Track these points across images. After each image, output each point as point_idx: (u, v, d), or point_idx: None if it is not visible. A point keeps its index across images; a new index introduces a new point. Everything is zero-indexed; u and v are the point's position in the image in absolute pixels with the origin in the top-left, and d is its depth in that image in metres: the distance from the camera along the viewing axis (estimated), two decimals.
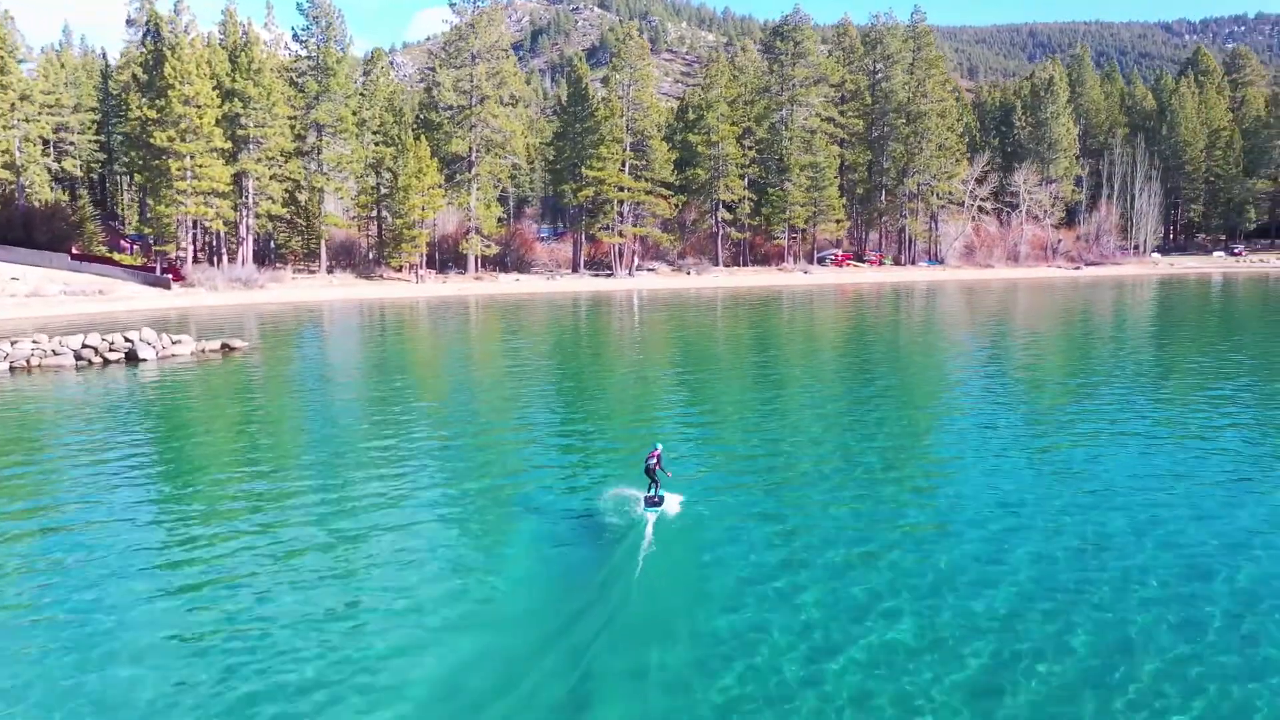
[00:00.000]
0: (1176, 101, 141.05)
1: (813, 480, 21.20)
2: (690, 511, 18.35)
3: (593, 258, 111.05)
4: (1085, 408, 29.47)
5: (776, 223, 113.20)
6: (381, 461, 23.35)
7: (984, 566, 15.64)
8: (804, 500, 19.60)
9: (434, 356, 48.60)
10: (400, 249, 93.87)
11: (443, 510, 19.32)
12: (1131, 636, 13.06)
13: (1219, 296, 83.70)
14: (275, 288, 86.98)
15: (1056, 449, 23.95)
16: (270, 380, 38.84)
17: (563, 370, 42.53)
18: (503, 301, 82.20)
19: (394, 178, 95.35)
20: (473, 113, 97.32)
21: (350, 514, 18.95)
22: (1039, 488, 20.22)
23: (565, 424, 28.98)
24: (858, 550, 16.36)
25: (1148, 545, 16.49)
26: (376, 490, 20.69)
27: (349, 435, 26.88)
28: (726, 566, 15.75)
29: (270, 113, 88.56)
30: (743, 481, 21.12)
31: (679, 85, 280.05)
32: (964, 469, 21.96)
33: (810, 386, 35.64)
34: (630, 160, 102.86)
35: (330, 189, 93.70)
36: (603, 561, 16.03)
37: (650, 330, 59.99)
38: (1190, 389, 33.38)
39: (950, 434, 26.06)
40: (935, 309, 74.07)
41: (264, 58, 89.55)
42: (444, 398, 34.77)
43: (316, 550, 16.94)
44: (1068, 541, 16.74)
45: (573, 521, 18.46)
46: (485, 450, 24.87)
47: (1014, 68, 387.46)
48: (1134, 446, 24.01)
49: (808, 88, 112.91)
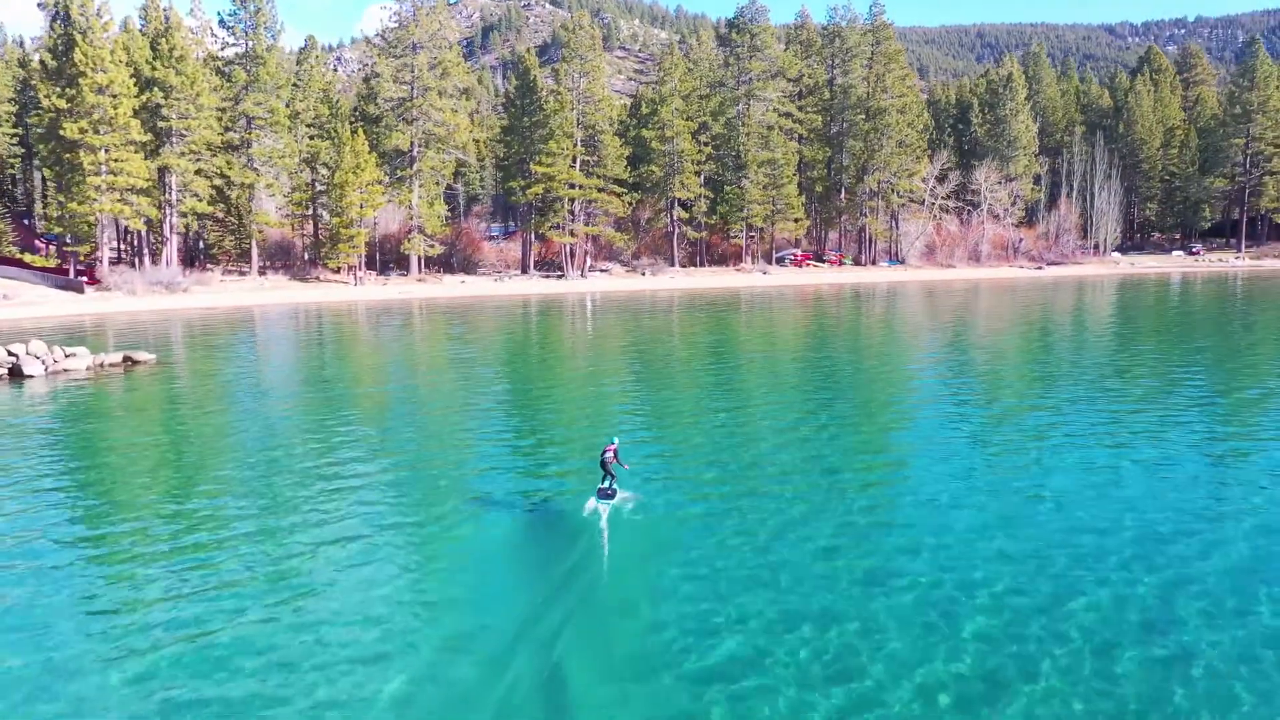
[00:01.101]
0: (1133, 99, 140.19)
1: (769, 479, 20.97)
2: (643, 509, 18.35)
3: (544, 258, 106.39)
4: (1048, 417, 27.81)
5: (734, 221, 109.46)
6: (308, 482, 20.95)
7: (940, 562, 15.61)
8: (759, 498, 19.38)
9: (370, 367, 43.67)
10: (337, 249, 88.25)
11: (382, 524, 18.02)
12: (1099, 643, 12.72)
13: (1186, 297, 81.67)
14: (200, 291, 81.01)
15: (1016, 451, 23.48)
16: (176, 398, 33.72)
17: (511, 380, 38.76)
18: (447, 305, 77.27)
19: (330, 173, 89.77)
20: (414, 105, 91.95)
21: (279, 541, 17.15)
22: (995, 485, 20.23)
23: (515, 436, 26.97)
24: (811, 546, 16.39)
25: (1091, 539, 16.55)
26: (304, 516, 18.53)
27: (270, 459, 23.37)
28: (681, 559, 15.83)
29: (195, 104, 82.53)
30: (698, 482, 20.82)
31: (632, 83, 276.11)
32: (921, 469, 21.64)
33: (769, 395, 33.16)
34: (581, 156, 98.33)
35: (261, 185, 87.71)
36: (557, 557, 16.03)
37: (604, 336, 55.97)
38: (1163, 398, 31.20)
39: (909, 436, 25.69)
40: (897, 312, 71.13)
41: (187, 45, 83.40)
42: (380, 414, 30.41)
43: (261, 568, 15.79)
44: (1023, 535, 16.88)
45: (525, 522, 18.32)
46: (427, 466, 22.90)
47: (963, 68, 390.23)
48: (1088, 451, 23.27)
49: (765, 81, 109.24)
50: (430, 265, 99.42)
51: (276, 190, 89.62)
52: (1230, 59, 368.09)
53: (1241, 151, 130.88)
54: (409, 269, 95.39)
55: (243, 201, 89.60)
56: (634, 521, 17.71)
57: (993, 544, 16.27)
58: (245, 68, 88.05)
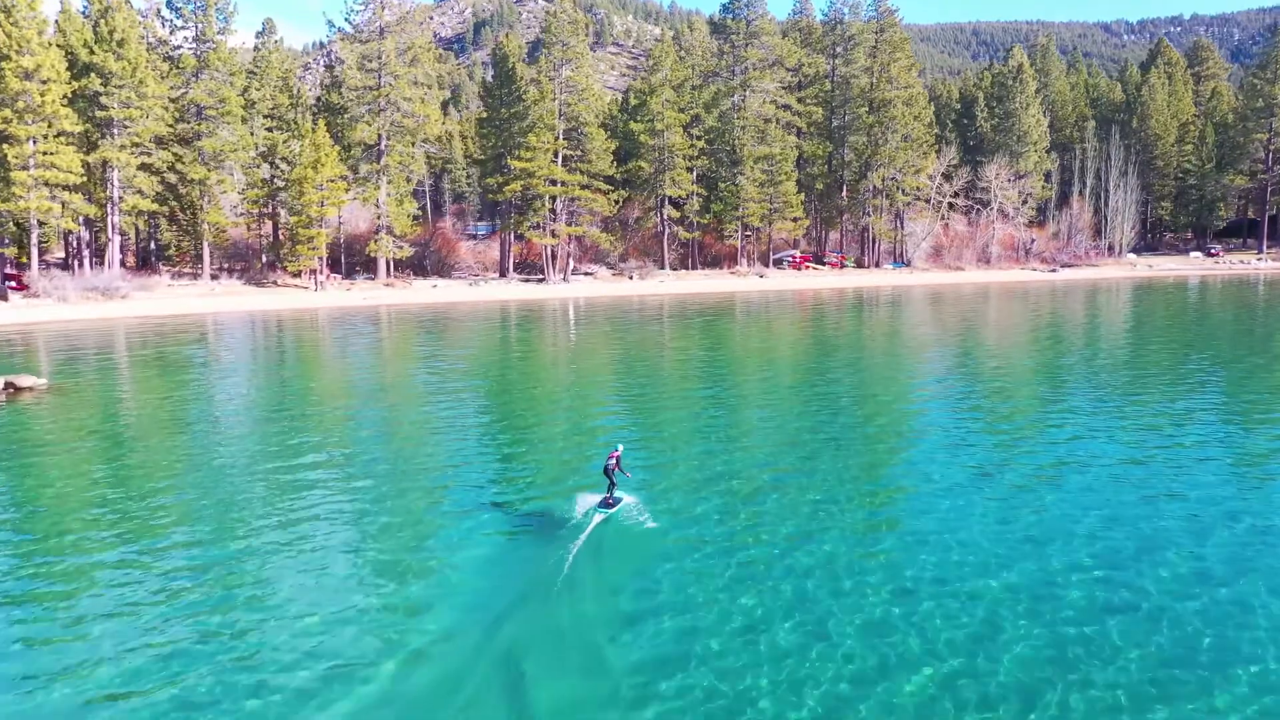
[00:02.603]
0: (1146, 92, 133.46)
1: (766, 496, 20.17)
2: (640, 520, 18.08)
3: (524, 260, 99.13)
4: (1063, 449, 24.28)
5: (728, 221, 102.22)
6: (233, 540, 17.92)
7: (940, 583, 15.07)
8: (756, 516, 18.70)
9: (313, 389, 36.57)
10: (296, 251, 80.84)
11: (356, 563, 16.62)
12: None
13: (1220, 305, 74.83)
14: (143, 298, 73.52)
15: (1023, 479, 21.38)
16: (62, 436, 26.67)
17: (480, 404, 33.01)
18: (416, 313, 70.16)
19: (290, 169, 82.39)
20: (381, 94, 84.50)
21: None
22: (996, 509, 19.07)
23: (489, 463, 24.20)
24: (805, 560, 16.02)
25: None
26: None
27: (184, 514, 19.53)
28: (674, 572, 15.58)
29: (137, 91, 75.03)
30: (691, 496, 19.99)
31: (625, 79, 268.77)
32: (922, 500, 20.00)
33: (764, 420, 29.21)
34: (564, 151, 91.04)
35: (212, 181, 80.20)
36: (545, 566, 15.81)
37: (582, 351, 49.23)
38: (1203, 428, 26.92)
39: (909, 465, 23.34)
40: (902, 321, 64.79)
41: (129, 26, 75.84)
42: (328, 449, 25.22)
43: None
44: (1016, 556, 16.21)
45: (520, 529, 18.06)
46: (394, 499, 20.92)
47: (959, 65, 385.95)
48: (1105, 495, 20.19)
49: (762, 71, 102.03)
50: (401, 268, 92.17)
51: (229, 187, 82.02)
52: (1226, 56, 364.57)
53: (1263, 147, 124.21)
54: (377, 272, 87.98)
55: (193, 199, 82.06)
56: (629, 532, 17.40)
57: (998, 574, 15.47)
58: (195, 53, 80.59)
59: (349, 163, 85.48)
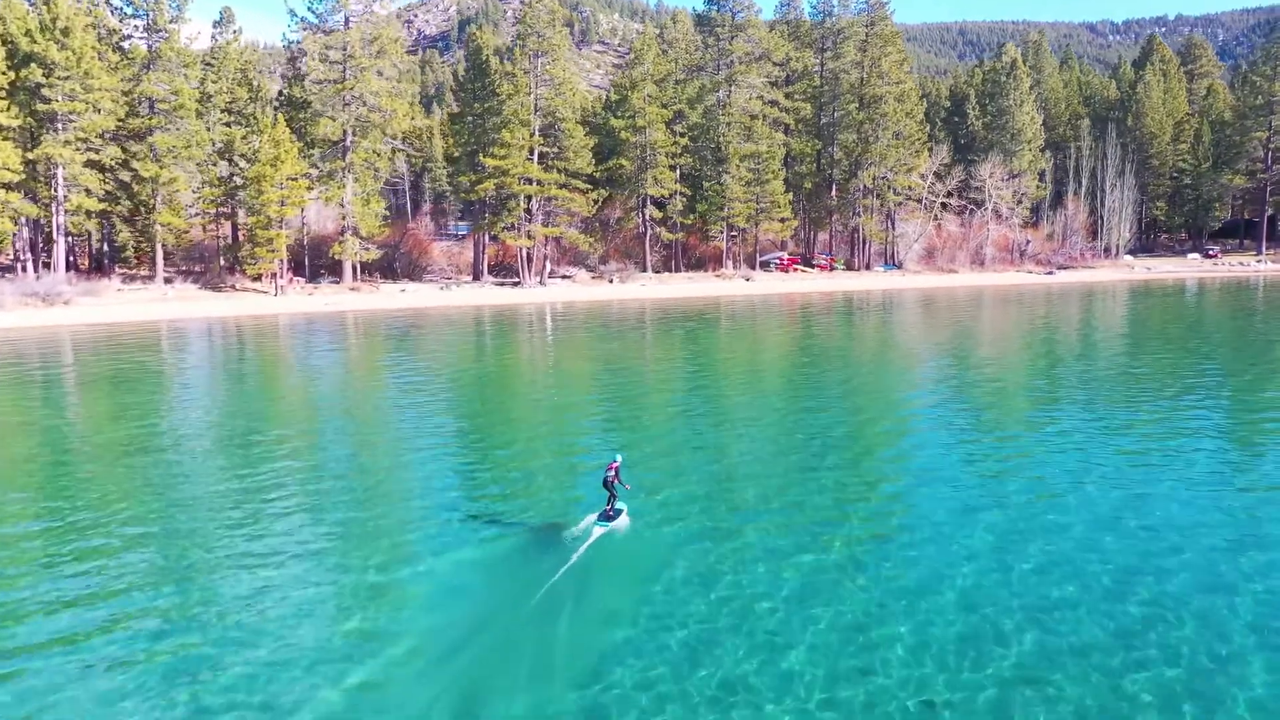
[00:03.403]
0: (1142, 90, 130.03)
1: (752, 513, 19.13)
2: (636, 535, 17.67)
3: (501, 262, 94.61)
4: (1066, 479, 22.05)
5: (713, 221, 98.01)
6: None
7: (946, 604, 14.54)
8: (746, 543, 17.44)
9: (276, 406, 32.74)
10: (255, 253, 76.17)
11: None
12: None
13: (1229, 310, 71.24)
14: (88, 304, 68.71)
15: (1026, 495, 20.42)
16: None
17: (446, 428, 29.56)
18: (381, 319, 65.79)
19: (249, 166, 77.66)
20: (346, 87, 79.83)
21: None
22: (996, 530, 17.96)
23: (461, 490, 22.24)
24: (796, 583, 15.35)
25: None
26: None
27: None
28: (665, 592, 15.18)
29: (83, 83, 70.21)
30: (674, 515, 18.91)
31: (610, 78, 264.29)
32: (919, 514, 19.02)
33: (752, 434, 27.21)
34: (540, 148, 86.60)
35: (165, 179, 75.36)
36: (538, 579, 15.43)
37: (562, 359, 45.63)
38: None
39: (904, 474, 22.62)
40: (893, 328, 61.48)
41: (75, 14, 70.99)
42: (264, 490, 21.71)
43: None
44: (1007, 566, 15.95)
45: (510, 548, 17.30)
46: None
47: (945, 65, 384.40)
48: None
49: (748, 65, 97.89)
50: (370, 271, 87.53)
51: (182, 186, 77.14)
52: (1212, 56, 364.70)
53: (1262, 146, 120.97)
54: (342, 276, 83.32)
55: (144, 196, 77.21)
56: (625, 548, 17.02)
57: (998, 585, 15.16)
58: (147, 43, 75.80)
59: (312, 160, 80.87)
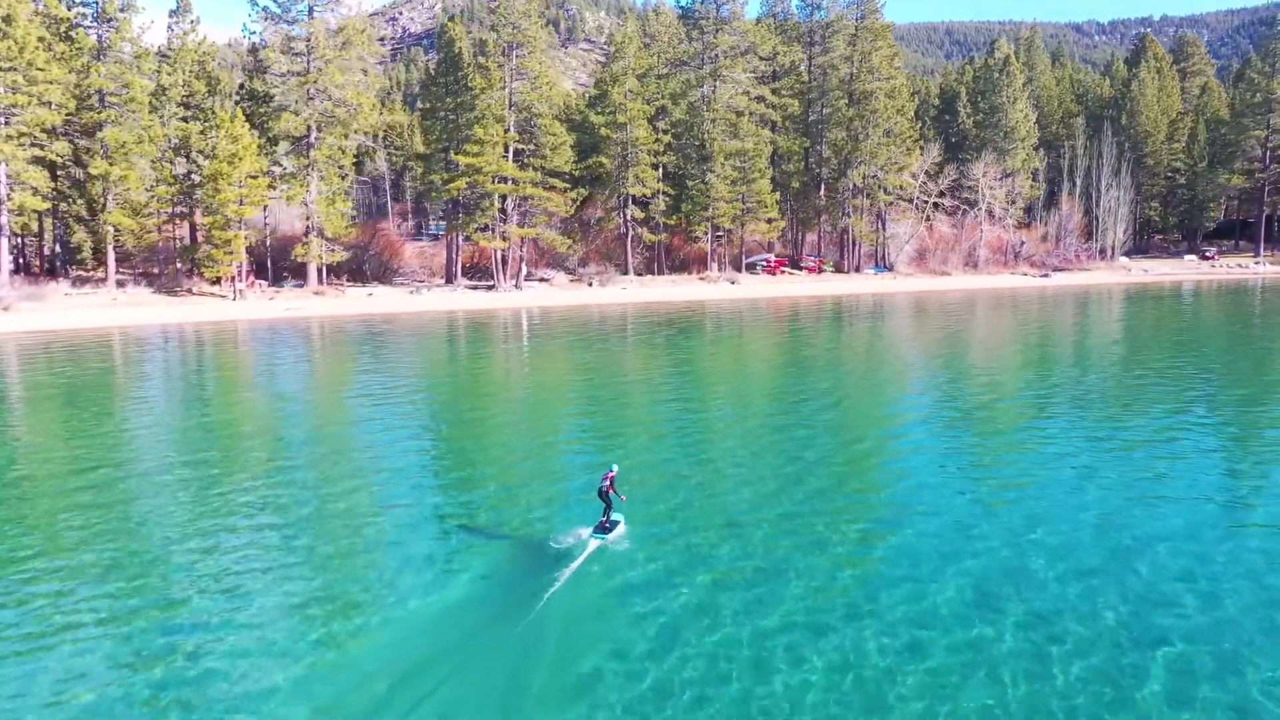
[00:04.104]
0: (1136, 87, 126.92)
1: (739, 533, 18.20)
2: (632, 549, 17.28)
3: (476, 263, 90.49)
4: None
5: (697, 222, 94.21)
6: None
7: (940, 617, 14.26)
8: (739, 553, 17.17)
9: (228, 429, 28.48)
10: (212, 256, 71.92)
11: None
12: None
13: (1234, 316, 68.00)
14: (30, 309, 64.35)
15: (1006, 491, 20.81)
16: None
17: (430, 442, 28.19)
18: (345, 326, 61.95)
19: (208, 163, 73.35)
20: (309, 80, 75.60)
21: None
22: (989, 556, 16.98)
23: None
24: (790, 608, 14.76)
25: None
26: None
27: None
28: (655, 609, 14.71)
29: (26, 75, 65.87)
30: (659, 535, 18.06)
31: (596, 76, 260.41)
32: (911, 530, 18.39)
33: (737, 453, 25.52)
34: (516, 144, 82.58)
35: (115, 177, 71.03)
36: (532, 592, 15.14)
37: (537, 371, 42.06)
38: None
39: (897, 500, 20.71)
40: (884, 335, 58.06)
41: (16, 1, 66.60)
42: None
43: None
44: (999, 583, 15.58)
45: (498, 565, 16.77)
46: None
47: (932, 65, 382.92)
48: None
49: (733, 59, 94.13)
50: (338, 273, 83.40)
51: (134, 184, 72.75)
52: None
53: (1260, 144, 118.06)
54: (308, 278, 79.11)
55: (93, 194, 72.89)
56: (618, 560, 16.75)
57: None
58: (96, 33, 71.45)
59: (274, 157, 76.68)
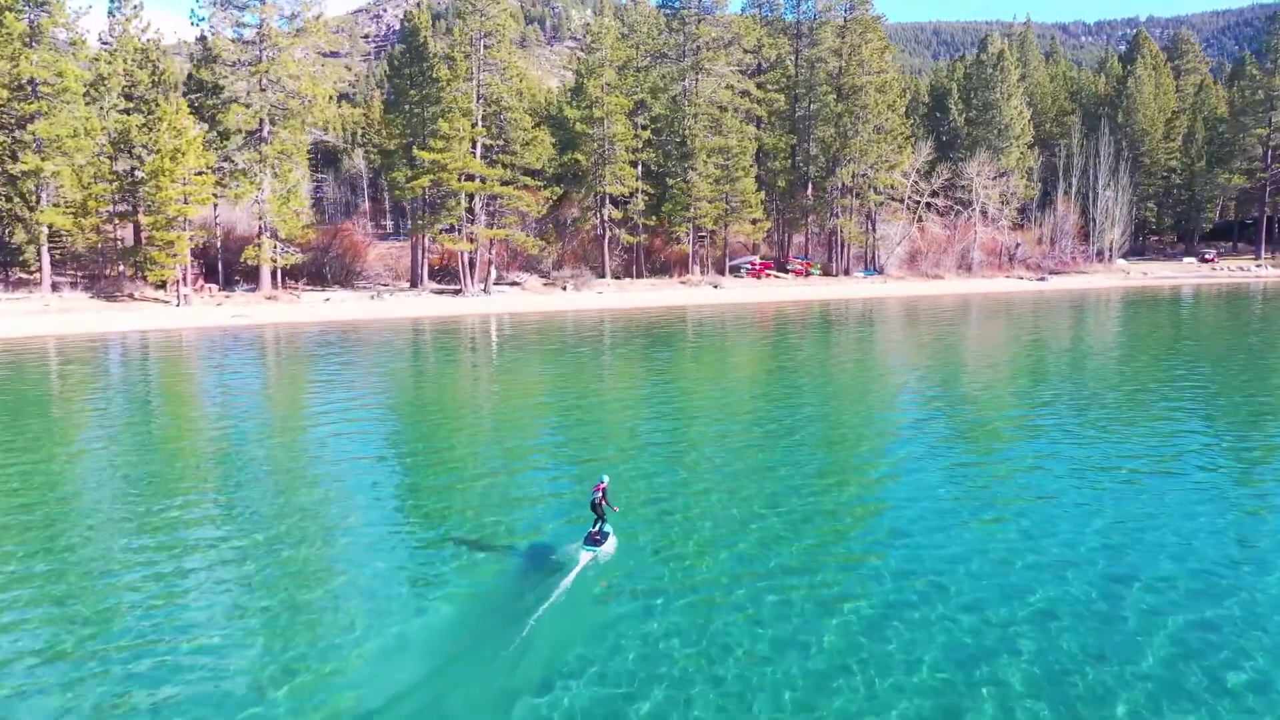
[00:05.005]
0: (1133, 84, 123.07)
1: (729, 554, 17.28)
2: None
3: (444, 265, 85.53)
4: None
5: (678, 222, 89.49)
6: None
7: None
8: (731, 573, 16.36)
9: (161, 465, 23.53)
10: (153, 258, 66.81)
11: None
12: None
13: (1239, 323, 63.90)
14: None
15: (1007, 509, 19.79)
16: None
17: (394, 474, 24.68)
18: (298, 334, 57.04)
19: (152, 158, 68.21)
20: (260, 70, 70.50)
21: None
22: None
23: None
24: (779, 627, 14.24)
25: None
26: None
27: None
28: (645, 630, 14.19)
29: None
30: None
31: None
32: (903, 548, 17.57)
33: (721, 475, 23.41)
34: (484, 140, 77.70)
35: (48, 173, 65.83)
36: (522, 605, 14.74)
37: (504, 386, 37.57)
38: None
39: (888, 526, 19.13)
40: (874, 346, 53.90)
41: None
42: None
43: None
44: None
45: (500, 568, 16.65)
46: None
47: (919, 65, 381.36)
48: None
49: (716, 51, 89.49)
50: (297, 276, 78.40)
51: (69, 181, 67.56)
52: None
53: (1261, 143, 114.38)
54: (261, 282, 74.01)
55: (28, 193, 67.68)
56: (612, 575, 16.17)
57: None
58: (27, 16, 66.21)
59: (224, 152, 71.61)
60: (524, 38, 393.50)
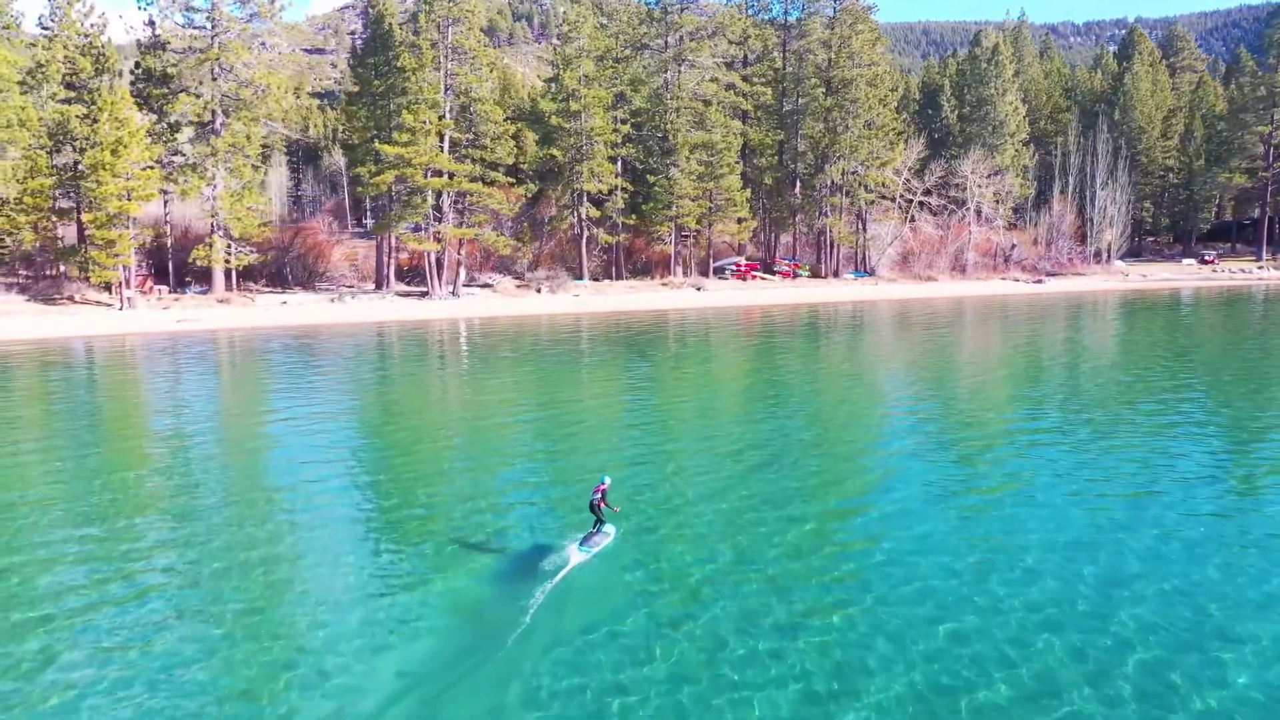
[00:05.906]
0: (1130, 81, 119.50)
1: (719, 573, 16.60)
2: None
3: (414, 265, 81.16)
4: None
5: (659, 221, 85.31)
6: None
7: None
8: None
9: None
10: (93, 258, 62.29)
11: None
12: None
13: (1245, 329, 60.41)
14: None
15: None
16: None
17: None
18: (255, 342, 53.10)
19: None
20: (210, 57, 65.99)
21: None
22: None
23: None
24: (770, 637, 14.12)
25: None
26: None
27: None
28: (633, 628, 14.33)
29: None
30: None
31: None
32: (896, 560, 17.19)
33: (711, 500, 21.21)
34: (452, 133, 73.37)
35: None
36: (517, 611, 14.67)
37: (478, 403, 34.39)
38: None
39: (880, 519, 19.60)
40: (866, 352, 50.91)
41: None
42: None
43: None
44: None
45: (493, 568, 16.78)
46: None
47: (909, 64, 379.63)
48: None
49: (700, 42, 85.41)
50: (255, 277, 73.98)
51: (2, 176, 63.00)
52: None
53: (1263, 141, 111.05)
54: (214, 284, 69.50)
55: None
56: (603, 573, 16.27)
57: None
58: None
59: (174, 146, 67.13)
60: (511, 34, 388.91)
